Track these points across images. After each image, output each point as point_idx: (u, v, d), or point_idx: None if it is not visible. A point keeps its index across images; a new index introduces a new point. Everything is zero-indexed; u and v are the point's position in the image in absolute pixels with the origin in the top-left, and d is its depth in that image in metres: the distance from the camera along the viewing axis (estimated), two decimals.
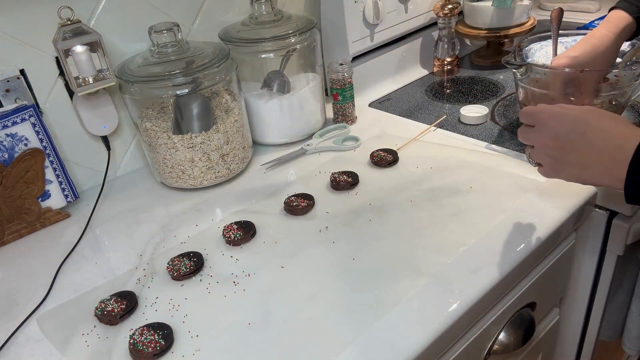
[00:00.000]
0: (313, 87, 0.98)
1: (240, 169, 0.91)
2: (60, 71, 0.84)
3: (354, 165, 0.88)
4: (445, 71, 1.21)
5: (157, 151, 0.86)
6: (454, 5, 1.15)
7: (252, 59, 0.97)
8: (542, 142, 0.57)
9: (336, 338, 0.56)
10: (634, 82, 0.77)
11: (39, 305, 0.68)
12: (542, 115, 0.56)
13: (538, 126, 0.57)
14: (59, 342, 0.61)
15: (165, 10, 0.91)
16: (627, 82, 0.77)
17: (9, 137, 0.79)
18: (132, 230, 0.81)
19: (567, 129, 0.54)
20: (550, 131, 0.55)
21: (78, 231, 0.82)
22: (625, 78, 0.77)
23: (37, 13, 0.79)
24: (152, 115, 0.88)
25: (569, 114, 0.54)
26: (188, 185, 0.88)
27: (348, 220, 0.75)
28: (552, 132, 0.55)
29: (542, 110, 0.56)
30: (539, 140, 0.57)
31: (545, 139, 0.56)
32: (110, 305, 0.63)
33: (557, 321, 0.89)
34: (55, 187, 0.84)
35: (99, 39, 0.79)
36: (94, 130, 0.89)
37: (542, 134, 0.56)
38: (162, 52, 0.83)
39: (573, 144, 0.53)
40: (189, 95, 0.84)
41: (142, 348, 0.57)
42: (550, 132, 0.55)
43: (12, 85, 0.80)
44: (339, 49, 1.07)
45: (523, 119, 0.59)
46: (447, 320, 0.57)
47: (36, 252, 0.79)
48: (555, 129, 0.55)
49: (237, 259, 0.71)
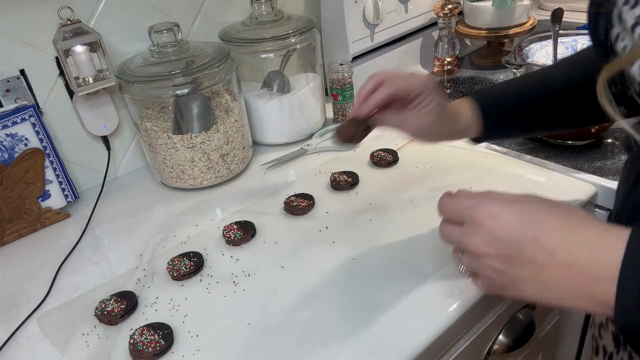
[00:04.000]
0: (313, 87, 0.98)
1: (240, 169, 0.91)
2: (60, 71, 0.84)
3: (354, 165, 0.88)
4: (446, 71, 1.21)
5: (157, 151, 0.86)
6: (454, 5, 1.15)
7: (252, 59, 0.97)
8: (477, 249, 0.41)
9: (336, 338, 0.56)
10: None
11: (39, 305, 0.68)
12: (472, 212, 0.42)
13: (470, 226, 0.42)
14: (59, 342, 0.61)
15: (165, 10, 0.91)
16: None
17: (9, 137, 0.79)
18: (132, 230, 0.81)
19: (513, 232, 0.39)
20: (487, 234, 0.40)
21: (78, 231, 0.82)
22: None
23: (37, 13, 0.79)
24: (152, 115, 0.88)
25: (510, 211, 0.40)
26: (188, 185, 0.88)
27: (348, 220, 0.75)
28: (492, 236, 0.40)
29: (472, 205, 0.42)
30: (473, 245, 0.42)
31: (482, 244, 0.41)
32: (110, 305, 0.63)
33: (557, 321, 0.89)
34: (55, 187, 0.84)
35: (99, 39, 0.79)
36: (94, 130, 0.89)
37: (478, 238, 0.41)
38: (162, 52, 0.83)
39: (524, 252, 0.39)
40: (189, 95, 0.84)
41: (142, 348, 0.57)
42: (487, 236, 0.40)
43: (12, 85, 0.80)
44: (339, 49, 1.07)
45: (444, 211, 0.45)
46: (447, 320, 0.57)
47: (36, 252, 0.79)
48: (496, 232, 0.40)
49: (237, 259, 0.71)
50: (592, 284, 0.36)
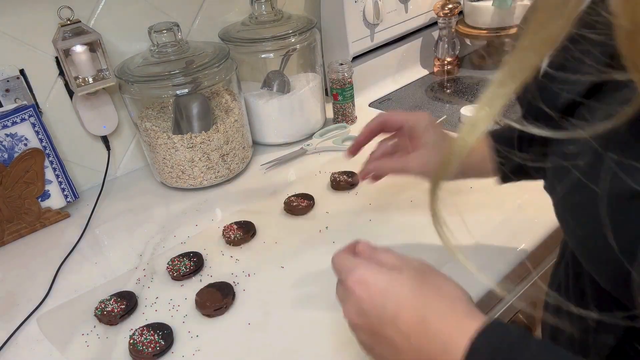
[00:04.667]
0: (313, 87, 0.98)
1: (240, 169, 0.91)
2: (60, 71, 0.84)
3: (354, 165, 0.88)
4: (446, 71, 1.21)
5: (157, 151, 0.86)
6: (454, 5, 1.15)
7: (252, 58, 0.97)
8: (348, 316, 0.40)
9: (336, 338, 0.56)
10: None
11: (39, 306, 0.68)
12: (347, 276, 0.40)
13: (345, 290, 0.41)
14: (58, 342, 0.61)
15: (165, 10, 0.91)
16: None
17: (9, 137, 0.78)
18: (132, 230, 0.81)
19: (375, 305, 0.38)
20: (356, 304, 0.39)
21: (78, 231, 0.82)
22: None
23: (37, 13, 0.79)
24: (152, 115, 0.88)
25: (378, 281, 0.38)
26: (188, 185, 0.88)
27: (348, 220, 0.75)
28: (358, 306, 0.39)
29: (348, 270, 0.40)
30: (345, 311, 0.41)
31: (354, 315, 0.40)
32: (110, 305, 0.63)
33: None
34: (55, 187, 0.84)
35: (98, 38, 0.79)
36: (94, 130, 0.89)
37: (349, 306, 0.40)
38: (162, 52, 0.83)
39: (384, 329, 0.38)
40: (189, 95, 0.84)
41: (142, 348, 0.57)
42: (356, 306, 0.39)
43: (12, 85, 0.80)
44: (339, 48, 1.07)
45: (333, 267, 0.43)
46: None
47: (36, 252, 0.79)
48: (361, 302, 0.39)
49: (237, 259, 0.71)
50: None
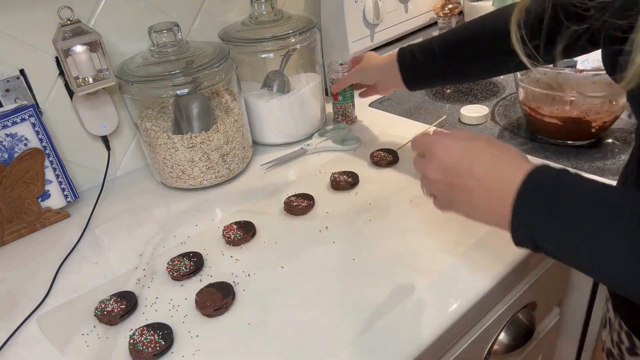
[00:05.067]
0: (313, 87, 0.98)
1: (240, 169, 0.91)
2: (60, 71, 0.84)
3: (354, 165, 0.88)
4: None
5: (157, 151, 0.86)
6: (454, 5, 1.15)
7: (252, 58, 0.97)
8: (431, 175, 0.51)
9: (336, 338, 0.56)
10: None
11: (39, 306, 0.68)
12: (431, 145, 0.51)
13: (428, 156, 0.52)
14: (58, 342, 0.61)
15: (165, 10, 0.91)
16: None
17: (9, 137, 0.79)
18: (132, 230, 0.81)
19: (454, 161, 0.49)
20: (438, 163, 0.50)
21: (78, 231, 0.82)
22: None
23: (37, 13, 0.79)
24: (152, 115, 0.88)
25: (457, 145, 0.49)
26: (188, 185, 0.88)
27: (348, 220, 0.75)
28: (440, 164, 0.50)
29: (432, 141, 0.51)
30: (428, 171, 0.51)
31: (434, 171, 0.50)
32: (110, 305, 0.63)
33: (557, 321, 0.89)
34: (55, 187, 0.84)
35: (98, 38, 0.79)
36: (94, 130, 0.89)
37: (431, 166, 0.51)
38: (162, 52, 0.83)
39: (461, 179, 0.48)
40: (189, 95, 0.84)
41: (142, 348, 0.57)
42: (438, 164, 0.50)
43: (12, 85, 0.80)
44: (339, 48, 1.07)
45: (414, 147, 0.54)
46: (447, 321, 0.57)
47: (36, 252, 0.79)
48: (443, 161, 0.49)
49: (237, 259, 0.71)
50: (501, 204, 0.44)
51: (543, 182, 0.43)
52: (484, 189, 0.46)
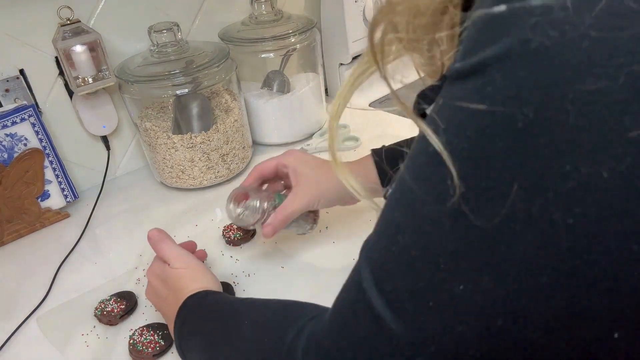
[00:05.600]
0: (313, 87, 0.98)
1: (240, 168, 0.91)
2: (60, 71, 0.84)
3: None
4: None
5: (156, 151, 0.85)
6: None
7: (252, 58, 0.97)
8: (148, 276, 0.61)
9: None
10: None
11: (39, 306, 0.67)
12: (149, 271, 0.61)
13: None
14: (58, 342, 0.61)
15: (165, 10, 0.91)
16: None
17: (9, 137, 0.78)
18: (132, 231, 0.81)
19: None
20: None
21: (78, 231, 0.81)
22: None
23: (37, 13, 0.79)
24: (151, 115, 0.88)
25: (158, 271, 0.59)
26: (188, 185, 0.87)
27: (348, 220, 0.75)
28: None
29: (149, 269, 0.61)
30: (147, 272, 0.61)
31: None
32: (110, 305, 0.63)
33: None
34: (55, 187, 0.84)
35: (98, 38, 0.79)
36: (94, 130, 0.89)
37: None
38: (162, 51, 0.83)
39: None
40: (189, 95, 0.84)
41: (142, 348, 0.57)
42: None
43: (12, 85, 0.80)
44: (339, 48, 1.07)
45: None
46: None
47: (36, 252, 0.79)
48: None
49: (237, 259, 0.71)
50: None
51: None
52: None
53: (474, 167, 0.24)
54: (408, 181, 0.28)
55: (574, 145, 0.22)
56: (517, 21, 0.22)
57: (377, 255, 0.32)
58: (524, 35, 0.22)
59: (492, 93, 0.23)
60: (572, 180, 0.22)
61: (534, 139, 0.22)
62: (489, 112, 0.24)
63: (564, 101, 0.21)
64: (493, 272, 0.25)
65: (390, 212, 0.31)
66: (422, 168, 0.28)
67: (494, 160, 0.24)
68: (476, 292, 0.25)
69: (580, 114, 0.21)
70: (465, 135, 0.25)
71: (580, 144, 0.22)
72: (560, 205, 0.22)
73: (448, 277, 0.26)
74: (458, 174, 0.25)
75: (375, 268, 0.31)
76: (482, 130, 0.24)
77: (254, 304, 0.49)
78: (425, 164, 0.27)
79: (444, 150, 0.25)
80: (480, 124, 0.24)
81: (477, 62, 0.24)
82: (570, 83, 0.21)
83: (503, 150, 0.23)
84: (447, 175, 0.25)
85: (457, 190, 0.25)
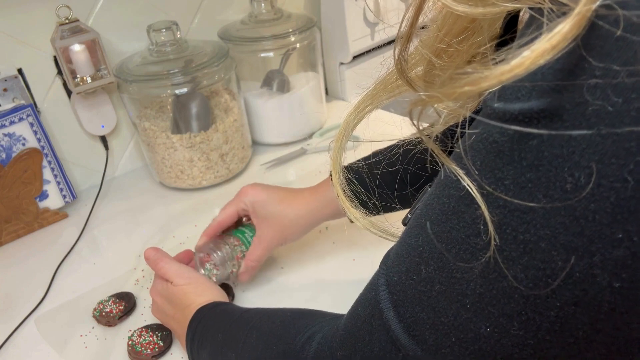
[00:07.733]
0: (313, 86, 0.97)
1: (239, 168, 0.91)
2: (58, 70, 0.83)
3: None
4: None
5: (155, 151, 0.85)
6: None
7: (252, 57, 0.96)
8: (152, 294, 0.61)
9: None
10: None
11: (37, 307, 0.67)
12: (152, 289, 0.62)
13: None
14: (57, 343, 0.61)
15: (164, 8, 0.91)
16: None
17: (7, 136, 0.78)
18: (131, 231, 0.80)
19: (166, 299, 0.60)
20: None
21: (76, 231, 0.81)
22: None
23: (35, 12, 0.78)
24: (150, 115, 0.87)
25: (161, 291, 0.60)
26: (187, 185, 0.87)
27: (348, 221, 0.74)
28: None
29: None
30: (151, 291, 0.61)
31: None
32: (109, 306, 0.63)
33: None
34: (53, 187, 0.84)
35: (97, 37, 0.78)
36: (92, 129, 0.88)
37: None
38: (161, 51, 0.83)
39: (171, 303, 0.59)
40: (188, 94, 0.83)
41: (141, 349, 0.56)
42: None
43: (10, 84, 0.79)
44: (339, 47, 1.06)
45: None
46: None
47: (34, 252, 0.78)
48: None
49: None
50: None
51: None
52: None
53: (512, 218, 0.23)
54: (433, 216, 0.27)
55: (628, 213, 0.20)
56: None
57: (397, 278, 0.31)
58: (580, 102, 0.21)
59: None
60: (624, 248, 0.21)
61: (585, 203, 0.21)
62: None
63: (623, 170, 0.20)
64: (524, 323, 0.24)
65: (415, 238, 0.30)
66: (451, 208, 0.27)
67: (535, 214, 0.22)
68: (504, 336, 0.25)
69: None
70: (504, 184, 0.23)
71: (634, 213, 0.20)
72: (607, 270, 0.21)
73: (474, 318, 0.26)
74: (492, 221, 0.24)
75: (394, 291, 0.30)
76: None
77: (263, 313, 0.50)
78: (455, 204, 0.26)
79: (477, 194, 0.24)
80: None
81: (520, 109, 0.22)
82: (632, 154, 0.20)
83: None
84: (480, 219, 0.24)
85: (492, 240, 0.24)
